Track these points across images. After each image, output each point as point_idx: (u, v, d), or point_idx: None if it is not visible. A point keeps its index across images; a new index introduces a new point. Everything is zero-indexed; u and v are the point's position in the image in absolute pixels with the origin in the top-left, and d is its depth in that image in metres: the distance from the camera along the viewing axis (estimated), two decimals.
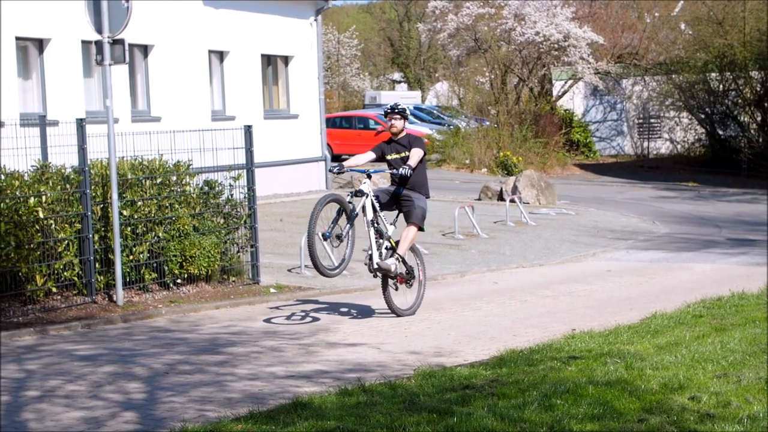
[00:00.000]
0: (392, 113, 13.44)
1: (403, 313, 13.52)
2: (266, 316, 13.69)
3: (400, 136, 13.49)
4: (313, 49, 29.99)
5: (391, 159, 13.45)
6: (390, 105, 13.59)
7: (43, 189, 13.44)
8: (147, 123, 22.03)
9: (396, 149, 13.47)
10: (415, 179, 13.27)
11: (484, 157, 39.07)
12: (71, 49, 21.30)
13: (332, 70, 65.76)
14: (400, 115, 13.43)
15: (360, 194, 13.13)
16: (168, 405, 8.84)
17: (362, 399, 8.51)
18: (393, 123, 13.45)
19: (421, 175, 13.43)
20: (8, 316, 12.88)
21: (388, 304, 13.46)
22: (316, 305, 14.59)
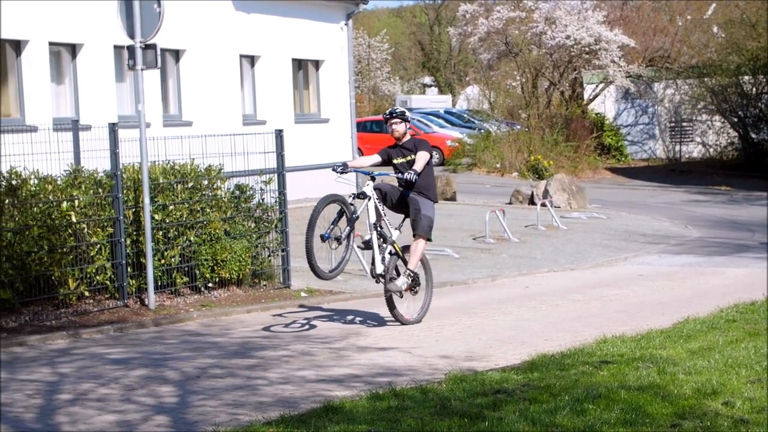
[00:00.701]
0: (391, 118, 13.12)
1: (407, 321, 13.21)
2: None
3: (404, 140, 13.17)
4: (343, 53, 30.01)
5: (397, 163, 13.15)
6: (388, 110, 13.30)
7: (75, 193, 13.51)
8: (178, 127, 22.12)
9: (401, 153, 13.15)
10: (422, 182, 12.94)
11: (515, 161, 38.98)
12: (104, 54, 21.41)
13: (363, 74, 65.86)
14: (399, 119, 13.11)
15: (362, 197, 12.85)
16: (200, 409, 8.86)
17: (393, 403, 8.50)
18: (393, 128, 13.14)
19: (428, 179, 13.09)
20: (41, 320, 12.96)
21: (391, 311, 13.16)
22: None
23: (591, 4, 43.46)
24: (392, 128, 13.14)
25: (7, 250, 12.79)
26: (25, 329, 12.55)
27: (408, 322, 13.17)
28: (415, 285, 13.25)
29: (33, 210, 13.11)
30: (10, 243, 12.84)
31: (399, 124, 13.09)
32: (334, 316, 13.98)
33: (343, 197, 12.77)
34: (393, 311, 13.12)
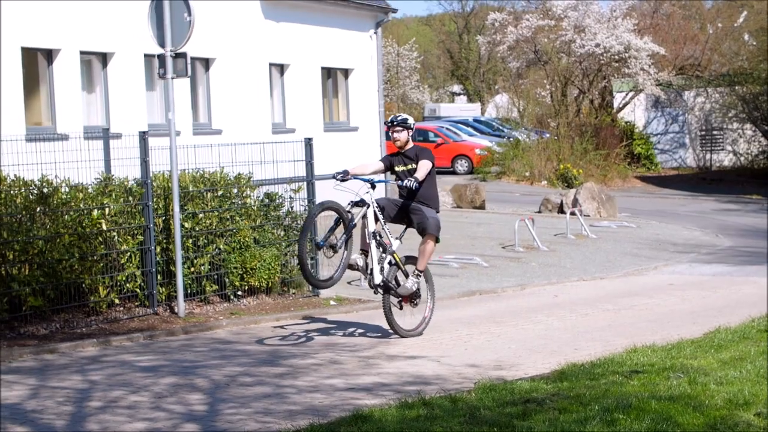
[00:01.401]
0: (393, 126, 12.82)
1: (406, 333, 12.82)
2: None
3: (406, 148, 12.85)
4: (372, 62, 30.04)
5: (399, 171, 12.83)
6: (391, 118, 12.96)
7: (106, 201, 13.58)
8: (208, 136, 22.19)
9: (403, 161, 12.84)
10: (424, 192, 12.68)
11: (544, 169, 38.91)
12: (134, 62, 21.51)
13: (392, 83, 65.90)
14: (402, 127, 12.78)
15: (361, 204, 12.51)
16: (229, 417, 8.87)
17: (422, 412, 8.48)
18: (396, 136, 12.82)
19: (431, 189, 12.83)
20: (72, 327, 13.02)
21: (389, 322, 12.76)
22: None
23: (621, 12, 43.35)
24: (394, 136, 12.85)
25: (38, 257, 12.87)
26: (56, 336, 12.62)
27: (408, 335, 12.81)
28: (416, 297, 12.92)
29: (64, 218, 13.19)
30: (42, 251, 12.92)
31: (401, 132, 12.79)
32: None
33: (338, 204, 12.45)
34: (391, 323, 12.75)
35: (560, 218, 26.81)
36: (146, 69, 21.73)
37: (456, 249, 21.57)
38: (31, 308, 12.78)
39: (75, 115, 20.08)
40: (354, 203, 12.50)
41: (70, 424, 8.69)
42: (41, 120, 19.96)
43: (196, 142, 16.32)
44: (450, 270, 19.10)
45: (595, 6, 43.54)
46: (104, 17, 20.67)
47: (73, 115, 20.04)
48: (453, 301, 16.47)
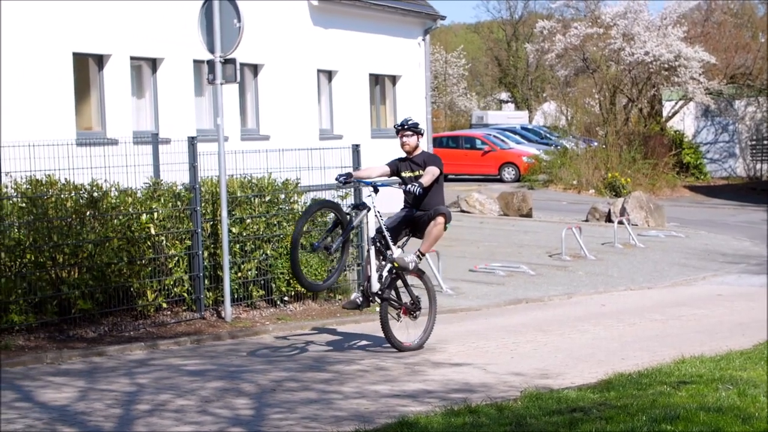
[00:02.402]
0: (403, 130, 12.37)
1: (405, 347, 12.29)
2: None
3: (415, 154, 12.40)
4: (420, 69, 30.05)
5: (405, 176, 12.37)
6: (400, 121, 12.57)
7: (155, 206, 13.68)
8: (256, 141, 22.30)
9: (410, 167, 12.37)
10: (430, 200, 12.18)
11: (592, 178, 38.70)
12: (183, 68, 21.66)
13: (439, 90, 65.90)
14: (412, 131, 12.35)
15: (362, 207, 12.07)
16: (276, 422, 8.90)
17: (468, 420, 8.45)
18: (404, 140, 12.36)
19: (437, 196, 12.28)
20: (120, 330, 13.12)
21: (385, 334, 12.20)
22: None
23: (671, 20, 43.06)
24: (403, 140, 12.39)
25: (87, 261, 12.99)
26: (105, 339, 12.72)
27: (406, 348, 12.30)
28: (416, 309, 12.43)
29: (113, 222, 13.29)
30: (91, 254, 13.03)
31: (411, 137, 12.36)
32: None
33: (336, 204, 12.20)
34: (388, 335, 12.18)
35: (608, 227, 26.65)
36: (195, 74, 21.88)
37: (503, 257, 21.51)
38: (81, 311, 12.89)
39: (125, 120, 20.25)
40: (354, 206, 12.23)
41: (118, 426, 8.76)
42: (91, 125, 20.15)
43: (244, 148, 16.40)
44: (496, 278, 19.05)
45: (645, 14, 43.26)
46: (154, 23, 20.84)
47: (123, 119, 20.21)
48: (499, 309, 16.42)
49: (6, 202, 12.64)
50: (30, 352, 11.82)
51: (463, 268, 19.70)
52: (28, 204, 12.72)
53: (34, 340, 12.33)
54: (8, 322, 12.24)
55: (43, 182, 12.91)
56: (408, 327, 12.45)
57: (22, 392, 10.05)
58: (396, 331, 12.27)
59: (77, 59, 19.64)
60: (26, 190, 12.80)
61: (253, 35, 19.74)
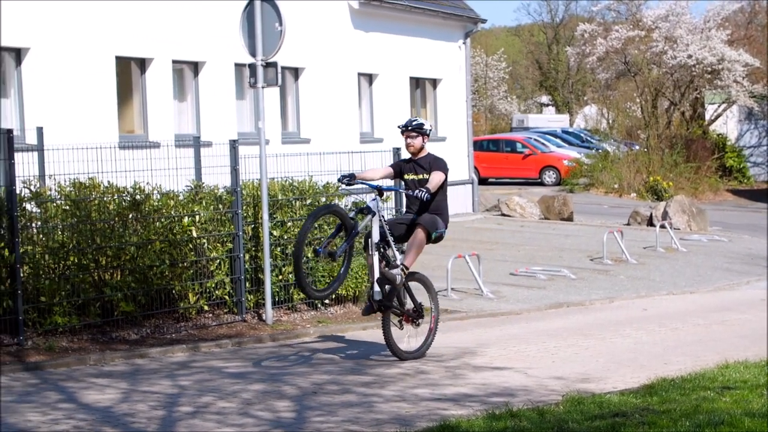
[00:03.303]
0: (407, 130, 11.87)
1: (406, 356, 11.83)
2: None
3: (419, 156, 11.90)
4: (461, 72, 30.03)
5: (408, 179, 11.90)
6: (405, 121, 12.10)
7: (196, 209, 13.74)
8: (297, 144, 22.36)
9: (414, 169, 11.87)
10: (434, 207, 11.72)
11: (633, 181, 38.49)
12: (225, 71, 21.77)
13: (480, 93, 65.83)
14: (417, 132, 11.84)
15: (366, 211, 11.57)
16: (317, 425, 8.91)
17: (510, 424, 8.43)
18: (409, 141, 11.86)
19: (441, 202, 11.83)
20: (162, 333, 13.19)
21: (387, 342, 11.75)
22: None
23: (714, 23, 42.76)
24: (408, 141, 11.88)
25: (130, 263, 13.07)
26: (147, 341, 12.79)
27: (406, 357, 11.84)
28: (418, 317, 12.02)
29: (155, 225, 13.37)
30: (133, 257, 13.11)
31: (416, 138, 11.87)
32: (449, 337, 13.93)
33: (340, 208, 11.88)
34: (390, 344, 11.75)
35: (649, 231, 26.49)
36: (237, 78, 21.98)
37: (543, 260, 21.43)
38: (123, 313, 12.98)
39: (166, 123, 20.38)
40: (358, 210, 11.74)
41: (160, 428, 8.80)
42: (134, 128, 20.30)
43: (284, 151, 16.45)
44: (537, 282, 18.98)
45: (687, 16, 43.00)
46: (196, 27, 20.96)
47: (165, 123, 20.34)
48: (540, 313, 16.36)
49: (50, 205, 12.75)
50: (73, 354, 11.90)
51: (503, 272, 19.65)
52: (71, 206, 12.82)
53: (77, 341, 12.42)
54: (52, 323, 12.34)
55: (87, 185, 13.00)
56: (409, 335, 12.05)
57: (66, 393, 10.13)
58: (396, 337, 11.83)
59: (120, 63, 19.79)
60: (70, 192, 12.90)
61: (295, 38, 19.81)
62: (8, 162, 12.00)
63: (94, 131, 17.76)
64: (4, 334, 12.04)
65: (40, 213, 12.73)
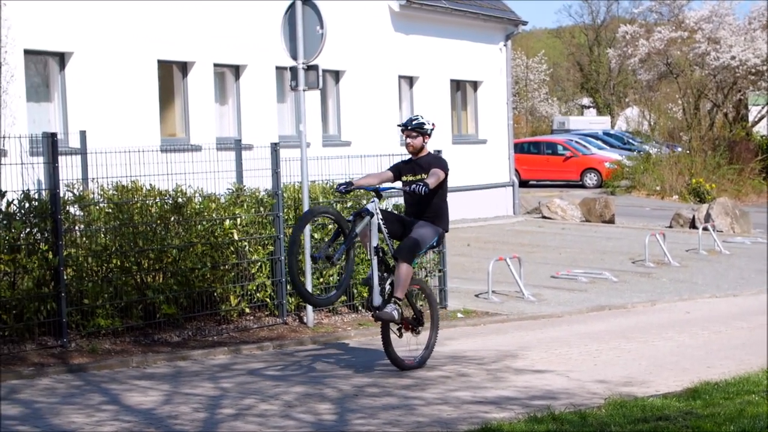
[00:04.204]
0: (407, 129, 11.41)
1: (406, 365, 11.42)
2: None
3: (419, 156, 11.44)
4: (502, 74, 29.97)
5: (407, 180, 11.40)
6: (405, 120, 11.66)
7: (238, 212, 13.79)
8: (337, 147, 22.41)
9: (413, 170, 11.40)
10: (434, 208, 11.31)
11: (676, 183, 38.23)
12: (266, 75, 21.85)
13: (520, 95, 65.68)
14: (417, 132, 11.37)
15: (365, 214, 11.06)
16: (358, 427, 8.91)
17: (551, 427, 8.40)
18: (408, 141, 11.40)
19: (440, 204, 11.37)
20: (204, 335, 13.24)
21: (386, 351, 11.33)
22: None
23: (759, 24, 42.39)
24: (407, 141, 11.43)
25: (172, 266, 13.14)
26: (189, 344, 12.85)
27: (407, 366, 11.40)
28: (418, 324, 11.61)
29: (197, 227, 13.43)
30: (175, 259, 13.18)
31: (416, 138, 11.39)
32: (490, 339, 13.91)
33: (335, 211, 11.52)
34: (389, 352, 11.32)
35: (692, 234, 26.30)
36: (278, 81, 22.06)
37: (585, 263, 21.34)
38: (165, 316, 13.05)
39: (208, 126, 20.49)
40: (356, 213, 11.18)
41: (203, 430, 8.83)
42: (176, 131, 20.42)
43: (325, 154, 16.48)
44: (579, 285, 18.89)
45: (731, 17, 42.68)
46: (238, 30, 21.05)
47: (206, 126, 20.45)
48: (582, 316, 16.29)
49: (93, 208, 12.84)
50: (116, 356, 11.98)
51: (544, 275, 19.58)
52: (114, 209, 12.91)
53: (120, 343, 12.50)
54: (95, 325, 12.43)
55: (129, 188, 13.09)
56: (409, 343, 11.65)
57: (109, 395, 10.19)
58: (396, 346, 11.41)
59: (162, 67, 19.92)
60: (112, 195, 12.99)
61: (335, 41, 19.86)
62: (52, 165, 12.11)
63: (136, 135, 17.90)
64: (48, 336, 12.15)
65: (83, 216, 12.83)
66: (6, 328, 11.89)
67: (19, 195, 12.13)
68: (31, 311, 11.95)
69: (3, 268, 11.79)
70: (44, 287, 12.06)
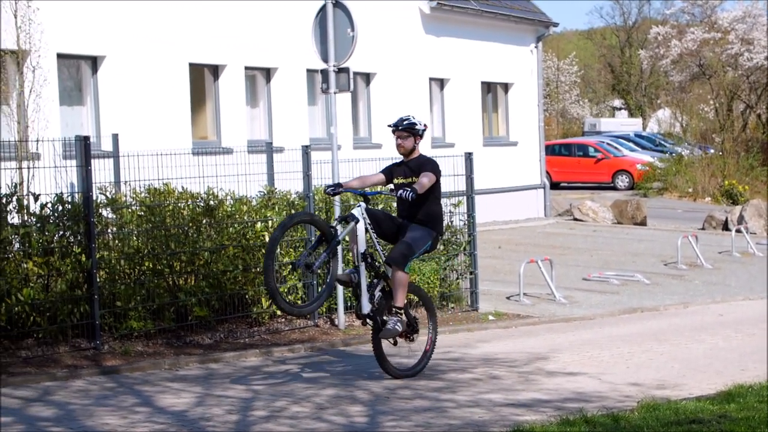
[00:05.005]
0: (397, 130, 11.00)
1: (400, 373, 10.98)
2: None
3: (410, 158, 11.01)
4: (533, 76, 29.90)
5: (397, 183, 10.99)
6: (396, 120, 11.21)
7: (269, 214, 13.82)
8: (368, 149, 22.41)
9: (404, 172, 10.97)
10: (426, 211, 10.87)
11: (708, 185, 38.01)
12: (297, 77, 21.89)
13: (551, 97, 65.48)
14: (408, 132, 10.94)
15: (350, 219, 10.69)
16: (389, 430, 8.90)
17: (584, 430, 8.36)
18: (399, 142, 10.99)
19: (432, 206, 10.94)
20: (236, 337, 13.28)
21: (378, 358, 10.89)
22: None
23: None
24: (398, 142, 11.01)
25: (204, 268, 13.18)
26: (221, 346, 12.89)
27: (403, 375, 11.01)
28: (413, 331, 11.14)
29: (229, 230, 13.47)
30: (207, 262, 13.23)
31: (406, 138, 10.97)
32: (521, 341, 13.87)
33: (316, 217, 11.19)
34: (382, 362, 10.92)
35: (725, 236, 26.15)
36: (308, 84, 22.09)
37: (616, 265, 21.25)
38: (197, 318, 13.09)
39: (239, 129, 20.54)
40: (341, 218, 10.85)
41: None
42: (207, 134, 20.49)
43: (356, 156, 16.50)
44: (610, 287, 18.82)
45: (764, 18, 42.39)
46: (268, 33, 21.10)
47: (238, 129, 20.50)
48: (614, 319, 16.23)
49: (125, 211, 12.91)
50: (148, 358, 12.04)
51: (576, 277, 19.52)
52: (146, 212, 12.97)
53: (152, 345, 12.56)
54: (128, 328, 12.49)
55: (161, 191, 13.14)
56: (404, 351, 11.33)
57: (142, 397, 10.24)
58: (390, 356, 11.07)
59: (193, 70, 20.00)
60: (145, 198, 13.05)
61: (366, 44, 19.88)
62: (85, 168, 12.18)
63: (167, 137, 17.96)
64: (81, 338, 12.22)
65: (115, 219, 12.90)
66: (40, 330, 11.97)
67: (53, 198, 12.21)
68: (65, 313, 12.02)
69: (37, 271, 11.87)
70: (77, 290, 12.13)
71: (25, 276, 11.80)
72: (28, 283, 11.79)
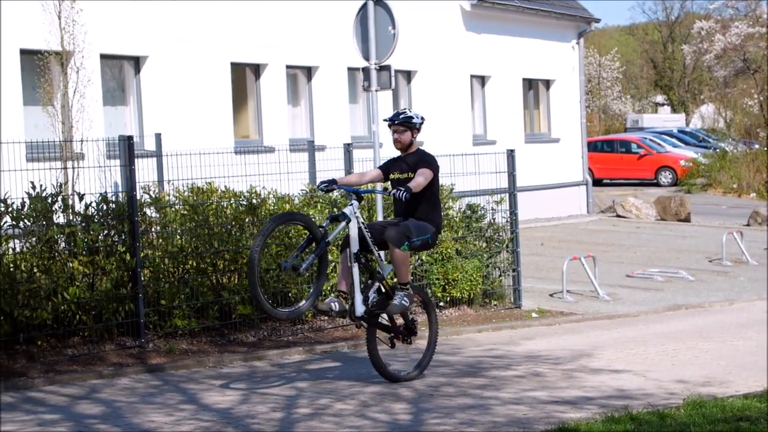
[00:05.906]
0: (394, 124, 10.68)
1: (399, 377, 10.69)
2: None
3: (408, 153, 10.68)
4: (574, 73, 29.77)
5: (394, 179, 10.63)
6: (392, 114, 10.93)
7: (311, 212, 13.83)
8: None
9: (400, 168, 10.62)
10: (423, 209, 10.51)
11: (753, 181, 37.67)
12: (337, 75, 21.91)
13: (593, 93, 65.11)
14: (405, 126, 10.66)
15: (341, 218, 10.35)
16: (434, 427, 8.90)
17: (629, 427, 8.32)
18: (396, 137, 10.69)
19: (429, 203, 10.55)
20: (279, 335, 13.32)
21: (373, 362, 10.56)
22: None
23: None
24: (395, 136, 10.70)
25: (247, 267, 13.19)
26: (264, 344, 12.93)
27: (401, 378, 10.71)
28: (411, 334, 10.91)
29: None
30: None
31: (404, 133, 10.67)
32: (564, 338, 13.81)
33: (304, 216, 10.81)
34: (378, 365, 10.63)
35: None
36: (349, 82, 22.11)
37: (660, 262, 21.11)
38: (240, 316, 13.14)
39: (281, 127, 20.59)
40: (332, 218, 10.46)
41: (280, 429, 8.88)
42: (249, 133, 20.56)
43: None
44: (654, 283, 18.70)
45: None
46: (310, 32, 21.14)
47: (279, 127, 20.55)
48: (658, 315, 16.12)
49: (169, 210, 12.98)
50: (193, 356, 12.10)
51: (619, 274, 19.41)
52: (189, 211, 13.03)
53: (196, 344, 12.62)
54: (172, 326, 12.56)
55: (204, 190, 13.20)
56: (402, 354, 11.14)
57: (187, 395, 10.29)
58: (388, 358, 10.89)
59: (235, 69, 20.07)
60: (188, 197, 13.11)
61: (407, 41, 19.87)
62: (129, 168, 12.26)
63: (210, 137, 18.05)
64: (126, 336, 12.30)
65: (159, 218, 12.98)
66: (86, 328, 12.06)
67: (97, 197, 12.30)
68: (110, 312, 12.11)
69: (82, 270, 11.97)
70: (122, 288, 12.22)
71: (71, 275, 11.90)
72: (74, 282, 11.89)
